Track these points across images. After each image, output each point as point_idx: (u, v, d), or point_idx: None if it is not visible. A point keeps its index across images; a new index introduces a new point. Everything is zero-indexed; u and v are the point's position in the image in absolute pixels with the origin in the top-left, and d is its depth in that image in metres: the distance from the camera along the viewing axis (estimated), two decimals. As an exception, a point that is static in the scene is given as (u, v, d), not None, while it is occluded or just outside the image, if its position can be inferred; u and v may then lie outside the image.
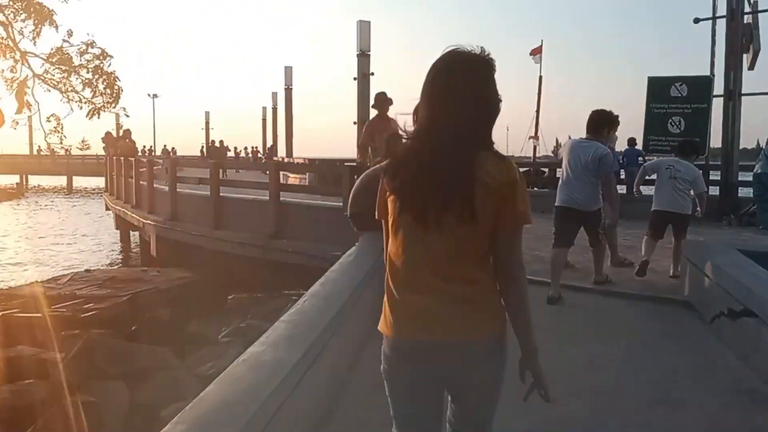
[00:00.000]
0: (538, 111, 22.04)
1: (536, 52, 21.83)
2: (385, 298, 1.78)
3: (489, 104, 1.70)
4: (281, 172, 9.90)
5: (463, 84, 1.67)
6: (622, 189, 13.63)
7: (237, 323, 6.98)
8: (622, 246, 7.42)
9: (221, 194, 10.20)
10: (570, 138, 6.11)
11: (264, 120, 42.52)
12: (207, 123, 49.38)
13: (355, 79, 18.77)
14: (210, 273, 10.08)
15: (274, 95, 36.24)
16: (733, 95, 10.77)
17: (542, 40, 22.01)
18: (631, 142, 12.06)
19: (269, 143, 38.36)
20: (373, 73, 18.69)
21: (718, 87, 11.05)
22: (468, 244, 1.67)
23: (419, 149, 1.71)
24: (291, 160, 25.12)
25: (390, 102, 8.09)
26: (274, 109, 35.84)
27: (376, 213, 1.86)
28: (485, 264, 1.71)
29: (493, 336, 1.71)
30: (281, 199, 8.92)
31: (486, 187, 1.61)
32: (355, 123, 18.83)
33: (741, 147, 11.57)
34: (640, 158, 11.91)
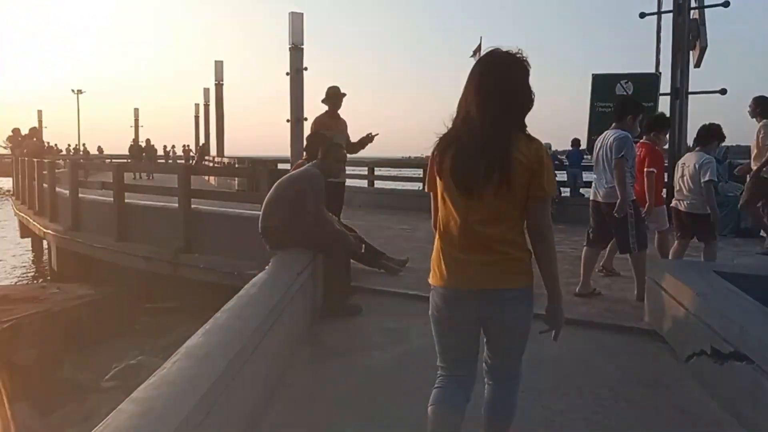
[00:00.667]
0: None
1: (475, 51, 21.20)
2: (435, 256, 2.28)
3: (519, 95, 2.10)
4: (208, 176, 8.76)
5: (496, 78, 2.07)
6: (566, 191, 13.19)
7: (128, 360, 5.89)
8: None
9: (127, 201, 8.97)
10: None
11: (197, 117, 40.61)
12: (136, 120, 46.87)
13: (287, 74, 17.69)
14: (115, 291, 8.85)
15: (206, 91, 34.51)
16: (680, 94, 10.31)
17: (481, 38, 21.44)
18: (575, 142, 11.50)
19: (203, 142, 36.58)
20: (306, 68, 17.64)
21: (665, 85, 10.59)
22: (504, 210, 2.08)
23: (463, 132, 2.10)
24: (220, 160, 23.73)
25: (342, 96, 7.13)
26: (206, 106, 34.12)
27: (426, 187, 2.34)
28: (519, 227, 2.12)
29: (524, 286, 2.14)
30: (192, 207, 7.81)
31: (519, 163, 2.01)
32: (288, 121, 17.77)
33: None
34: (584, 159, 11.34)
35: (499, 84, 2.07)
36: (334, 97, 7.05)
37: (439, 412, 2.22)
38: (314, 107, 8.85)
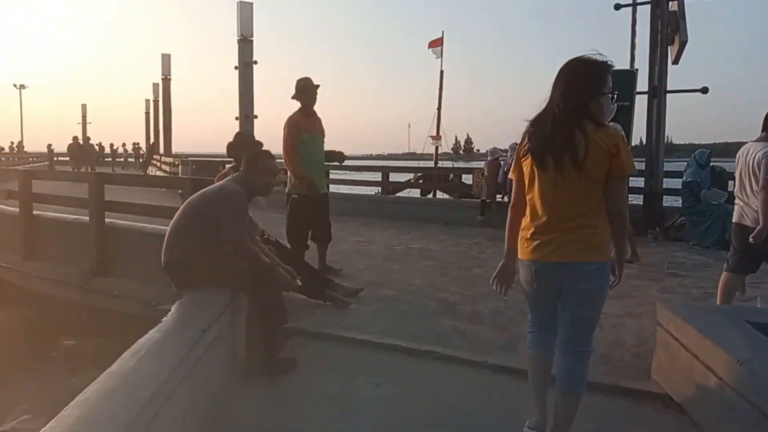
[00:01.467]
0: (439, 108, 20.55)
1: (436, 44, 20.25)
2: (523, 233, 2.65)
3: (589, 93, 2.51)
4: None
5: (573, 78, 2.52)
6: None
7: (11, 420, 4.70)
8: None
9: (37, 212, 7.69)
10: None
11: (147, 114, 38.76)
12: (84, 117, 44.59)
13: (236, 68, 16.46)
14: (23, 318, 7.57)
15: (155, 86, 32.80)
16: (657, 92, 9.52)
17: (443, 32, 20.56)
18: None
19: (153, 140, 34.78)
20: (256, 62, 16.44)
21: (641, 83, 9.79)
22: (585, 192, 2.45)
23: (545, 121, 2.51)
24: (167, 159, 22.27)
25: (316, 89, 6.01)
26: (156, 102, 32.41)
27: (511, 171, 2.73)
28: (599, 208, 2.47)
29: (600, 260, 2.49)
30: (107, 221, 6.60)
31: (598, 148, 2.39)
32: (237, 118, 16.54)
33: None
34: None
35: (571, 81, 2.51)
36: (304, 90, 5.95)
37: (536, 354, 2.76)
38: (267, 103, 7.83)
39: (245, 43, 16.55)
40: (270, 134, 7.00)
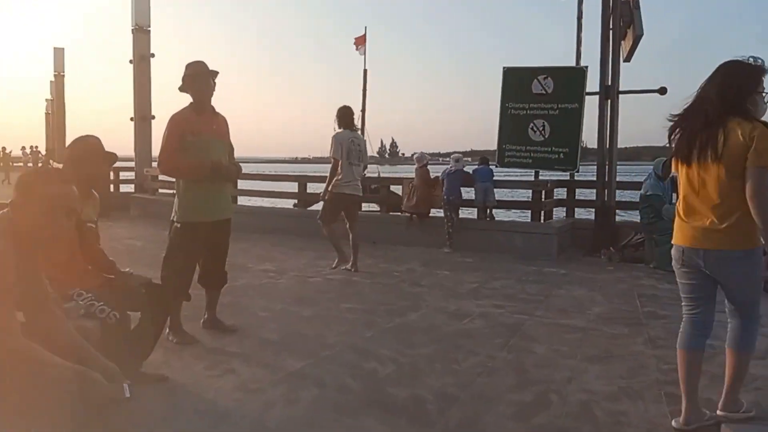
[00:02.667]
0: (363, 110, 19.03)
1: (360, 42, 18.85)
2: (677, 222, 2.92)
3: (746, 92, 2.70)
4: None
5: (719, 78, 2.75)
6: (471, 212, 11.03)
7: None
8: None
9: None
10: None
11: (48, 114, 35.35)
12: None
13: (131, 62, 14.41)
14: None
15: (53, 84, 29.75)
16: (610, 93, 8.39)
17: (366, 28, 19.10)
18: (484, 161, 9.30)
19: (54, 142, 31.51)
20: (153, 55, 14.44)
21: (590, 83, 8.67)
22: (728, 184, 2.66)
23: (694, 117, 2.79)
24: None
25: (213, 77, 4.29)
26: (52, 101, 29.34)
27: (673, 164, 2.98)
28: (741, 198, 2.64)
29: (744, 248, 2.72)
30: None
31: (737, 140, 2.62)
32: (132, 119, 14.48)
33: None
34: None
35: (729, 79, 2.74)
36: (194, 79, 4.25)
37: (684, 354, 2.98)
38: (167, 103, 6.19)
39: (141, 34, 14.54)
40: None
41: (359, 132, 7.82)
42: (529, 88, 8.86)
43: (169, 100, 4.85)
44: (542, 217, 8.92)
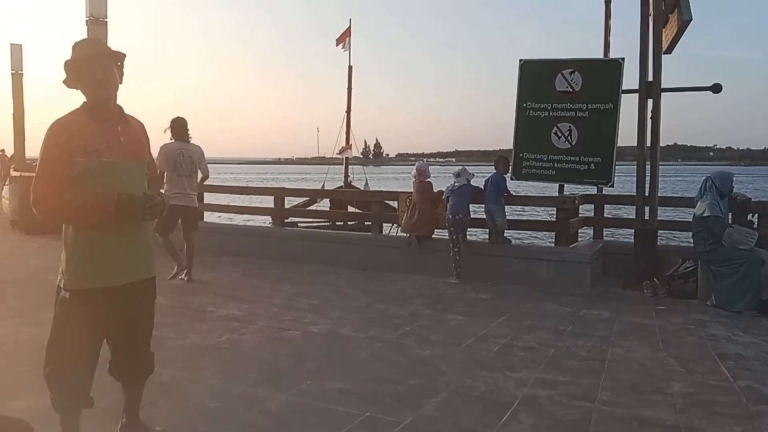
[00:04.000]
0: (348, 111, 17.37)
1: (344, 36, 17.22)
2: None
3: None
4: None
5: None
6: (479, 233, 9.43)
7: None
8: None
9: None
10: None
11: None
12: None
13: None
14: None
15: (12, 83, 27.72)
16: (652, 91, 6.92)
17: (350, 20, 17.43)
18: (500, 164, 7.69)
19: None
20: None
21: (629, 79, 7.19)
22: None
23: None
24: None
25: (117, 60, 2.69)
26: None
27: None
28: None
29: None
30: None
31: None
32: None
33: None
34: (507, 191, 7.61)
35: None
36: (89, 64, 2.64)
37: None
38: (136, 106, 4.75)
39: (96, 26, 12.81)
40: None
41: (346, 138, 6.27)
42: (551, 84, 7.37)
43: (128, 102, 3.23)
44: (566, 240, 7.41)
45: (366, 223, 9.39)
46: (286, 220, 14.49)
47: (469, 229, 7.61)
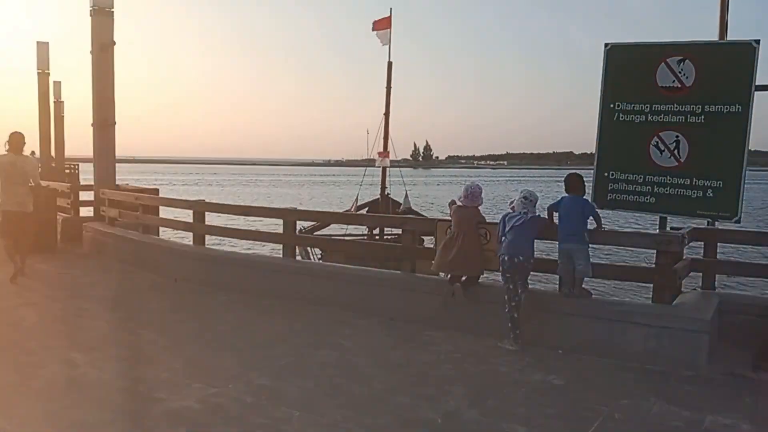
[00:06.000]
0: (387, 113, 15.37)
1: (382, 25, 15.28)
2: None
3: None
4: None
5: None
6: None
7: None
8: None
9: None
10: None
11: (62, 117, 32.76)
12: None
13: (91, 53, 11.30)
14: None
15: (57, 85, 27.04)
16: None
17: (391, 9, 15.47)
18: (571, 182, 5.56)
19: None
20: (115, 43, 11.24)
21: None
22: None
23: None
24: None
25: None
26: (61, 104, 26.57)
27: None
28: None
29: None
30: None
31: None
32: (92, 125, 11.36)
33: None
34: (590, 219, 5.49)
35: None
36: None
37: None
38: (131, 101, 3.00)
39: (101, 17, 11.38)
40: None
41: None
42: (651, 77, 5.31)
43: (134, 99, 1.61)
44: (669, 295, 5.31)
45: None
46: (308, 230, 13.02)
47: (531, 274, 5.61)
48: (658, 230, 5.46)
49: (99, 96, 11.01)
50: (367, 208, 15.46)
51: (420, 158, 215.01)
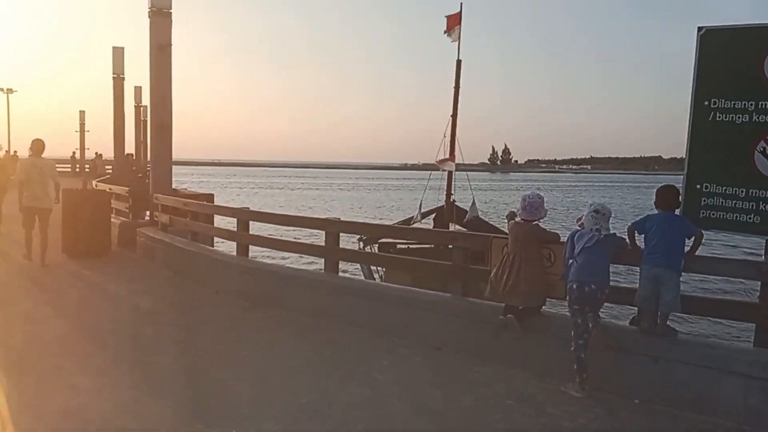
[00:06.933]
0: (454, 114, 14.50)
1: (452, 23, 14.51)
2: None
3: None
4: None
5: None
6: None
7: None
8: None
9: None
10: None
11: (144, 121, 33.96)
12: (82, 125, 40.24)
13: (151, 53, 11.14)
14: None
15: (138, 90, 27.93)
16: None
17: (461, 4, 14.62)
18: (665, 196, 4.61)
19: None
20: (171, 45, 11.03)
21: None
22: None
23: None
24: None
25: None
26: (143, 109, 27.40)
27: None
28: None
29: None
30: None
31: None
32: (148, 124, 11.21)
33: None
34: (687, 239, 4.52)
35: None
36: None
37: None
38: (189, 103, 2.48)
39: (160, 18, 11.21)
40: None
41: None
42: (757, 68, 4.32)
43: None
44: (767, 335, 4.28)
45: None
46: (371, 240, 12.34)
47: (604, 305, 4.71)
48: (763, 257, 4.40)
49: (156, 97, 10.84)
50: (434, 214, 14.70)
51: (498, 162, 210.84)
